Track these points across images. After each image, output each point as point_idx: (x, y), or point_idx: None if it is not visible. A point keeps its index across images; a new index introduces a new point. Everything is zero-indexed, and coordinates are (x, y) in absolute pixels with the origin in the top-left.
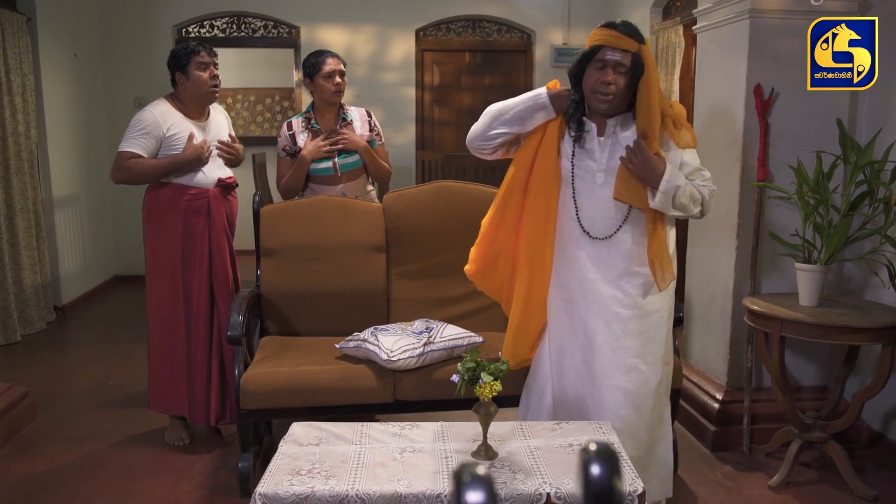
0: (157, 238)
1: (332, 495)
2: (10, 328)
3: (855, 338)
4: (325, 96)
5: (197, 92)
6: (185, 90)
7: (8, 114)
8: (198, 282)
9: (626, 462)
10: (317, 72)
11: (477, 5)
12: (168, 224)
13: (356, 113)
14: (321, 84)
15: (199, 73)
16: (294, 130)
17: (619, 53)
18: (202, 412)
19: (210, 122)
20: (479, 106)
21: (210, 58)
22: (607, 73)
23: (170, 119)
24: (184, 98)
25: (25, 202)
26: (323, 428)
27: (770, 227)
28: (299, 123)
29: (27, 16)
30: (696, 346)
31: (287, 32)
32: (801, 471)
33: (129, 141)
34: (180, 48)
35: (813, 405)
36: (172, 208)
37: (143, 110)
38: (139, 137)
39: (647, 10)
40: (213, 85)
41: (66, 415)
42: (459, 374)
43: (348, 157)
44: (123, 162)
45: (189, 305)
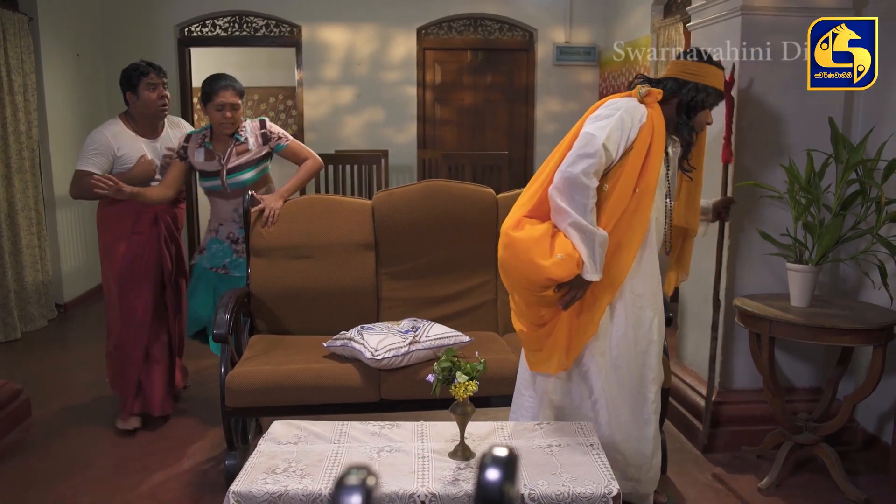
0: (111, 244)
1: (305, 494)
2: (10, 325)
3: (845, 339)
4: (214, 126)
5: (146, 111)
6: (135, 109)
7: (9, 113)
8: (145, 281)
9: (604, 465)
10: (208, 100)
11: (478, 4)
12: (119, 230)
13: (249, 128)
14: (211, 113)
15: (149, 93)
16: (190, 143)
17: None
18: (138, 401)
19: (161, 138)
20: (481, 105)
21: (159, 78)
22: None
23: (120, 138)
24: (135, 116)
25: (27, 200)
26: (303, 427)
27: (762, 227)
28: (197, 138)
29: (29, 16)
30: (689, 347)
31: (289, 31)
32: (792, 473)
33: (83, 160)
34: (130, 69)
35: (806, 407)
36: (123, 217)
37: (96, 131)
38: (93, 157)
39: (648, 7)
40: (162, 104)
41: (61, 412)
42: (435, 374)
43: (240, 176)
44: (79, 180)
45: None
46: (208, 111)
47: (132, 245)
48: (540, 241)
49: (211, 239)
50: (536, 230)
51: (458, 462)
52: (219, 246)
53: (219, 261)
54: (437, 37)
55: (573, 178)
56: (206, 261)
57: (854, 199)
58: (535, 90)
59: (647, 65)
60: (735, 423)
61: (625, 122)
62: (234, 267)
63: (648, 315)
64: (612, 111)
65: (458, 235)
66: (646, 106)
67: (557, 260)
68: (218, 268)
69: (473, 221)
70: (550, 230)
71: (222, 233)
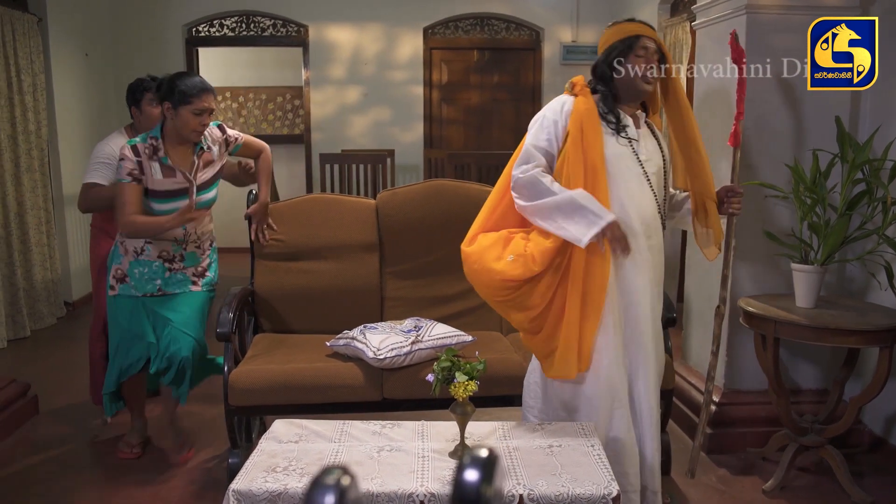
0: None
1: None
2: (19, 323)
3: (850, 340)
4: (185, 132)
5: (149, 125)
6: (139, 123)
7: (18, 112)
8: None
9: (604, 465)
10: (185, 103)
11: (485, 3)
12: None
13: (209, 136)
14: (186, 117)
15: (151, 108)
16: (141, 157)
17: (651, 42)
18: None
19: None
20: (487, 104)
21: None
22: (651, 59)
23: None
24: (139, 130)
25: (36, 199)
26: (304, 425)
27: (767, 227)
28: (144, 150)
29: (38, 16)
30: (693, 347)
31: (296, 31)
32: (798, 475)
33: (91, 173)
34: (135, 84)
35: (813, 408)
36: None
37: (103, 143)
38: (101, 169)
39: (655, 6)
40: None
41: (67, 409)
42: (434, 374)
43: (207, 194)
44: (87, 192)
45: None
46: (179, 115)
47: None
48: (491, 248)
49: (131, 263)
50: (488, 239)
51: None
52: (144, 269)
53: (150, 285)
54: (444, 36)
55: (519, 179)
56: (133, 289)
57: (860, 199)
58: (541, 89)
59: None
60: (740, 425)
61: (546, 118)
62: (172, 284)
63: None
64: (538, 115)
65: (461, 235)
66: (576, 95)
67: (509, 261)
68: (151, 293)
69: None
70: (503, 237)
71: (150, 253)
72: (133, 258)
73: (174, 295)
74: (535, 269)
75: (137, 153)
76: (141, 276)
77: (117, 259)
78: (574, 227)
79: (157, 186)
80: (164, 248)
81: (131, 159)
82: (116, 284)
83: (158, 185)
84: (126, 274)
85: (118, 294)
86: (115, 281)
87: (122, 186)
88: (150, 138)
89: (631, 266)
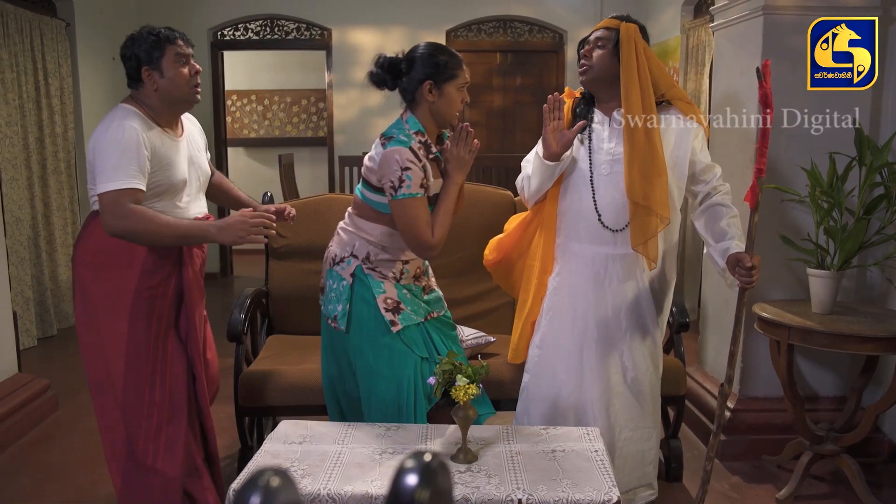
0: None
1: (305, 494)
2: (46, 322)
3: (866, 347)
4: (450, 115)
5: (173, 95)
6: (155, 92)
7: (45, 115)
8: (165, 337)
9: (606, 471)
10: (452, 77)
11: (507, 5)
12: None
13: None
14: (452, 95)
15: (178, 68)
16: (423, 161)
17: (599, 31)
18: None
19: (184, 137)
20: (510, 107)
21: (188, 48)
22: (586, 48)
23: (150, 136)
24: (152, 103)
25: (62, 200)
26: (310, 427)
27: (784, 231)
28: (419, 149)
29: (66, 21)
30: (709, 352)
31: (319, 34)
32: (813, 484)
33: (113, 172)
34: (145, 34)
35: (831, 416)
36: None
37: (118, 127)
38: (131, 163)
39: (678, 8)
40: (195, 85)
41: (86, 407)
42: (436, 377)
43: None
44: (126, 206)
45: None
46: (445, 93)
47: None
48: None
49: (397, 286)
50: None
51: (458, 465)
52: (407, 292)
53: (423, 307)
54: (466, 39)
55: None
56: (414, 314)
57: (878, 202)
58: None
59: (677, 66)
60: (756, 432)
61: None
62: (433, 304)
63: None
64: None
65: (475, 237)
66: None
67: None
68: (428, 314)
69: (491, 223)
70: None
71: (409, 273)
72: (395, 282)
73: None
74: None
75: (418, 157)
76: (412, 298)
77: (378, 288)
78: (533, 167)
79: (431, 193)
80: (418, 265)
81: (418, 165)
82: (395, 317)
83: (432, 189)
84: (398, 300)
85: (403, 328)
86: (392, 314)
87: (417, 203)
88: (415, 133)
89: (570, 270)
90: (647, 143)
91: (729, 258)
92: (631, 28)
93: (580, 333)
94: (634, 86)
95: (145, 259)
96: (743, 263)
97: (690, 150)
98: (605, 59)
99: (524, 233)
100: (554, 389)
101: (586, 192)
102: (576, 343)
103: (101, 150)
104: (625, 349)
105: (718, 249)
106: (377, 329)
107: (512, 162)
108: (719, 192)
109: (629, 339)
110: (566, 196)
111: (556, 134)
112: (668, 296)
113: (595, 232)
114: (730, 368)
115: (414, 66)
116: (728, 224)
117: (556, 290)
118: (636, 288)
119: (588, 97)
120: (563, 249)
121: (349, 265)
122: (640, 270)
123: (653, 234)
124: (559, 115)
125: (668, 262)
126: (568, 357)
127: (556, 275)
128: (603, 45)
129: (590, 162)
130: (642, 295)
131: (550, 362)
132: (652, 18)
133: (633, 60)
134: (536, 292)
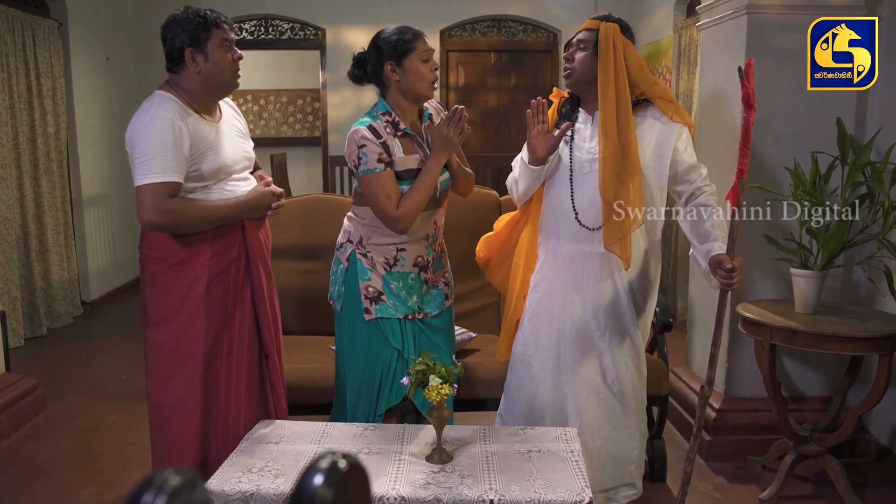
0: (176, 278)
1: (276, 494)
2: (36, 322)
3: (847, 347)
4: (422, 87)
5: (216, 80)
6: (198, 76)
7: (38, 116)
8: (236, 328)
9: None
10: (409, 51)
11: (502, 5)
12: (189, 259)
13: (429, 105)
14: (416, 67)
15: (222, 53)
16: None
17: (581, 33)
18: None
19: (223, 122)
20: (505, 106)
21: (231, 33)
22: (570, 50)
23: (189, 124)
24: (192, 89)
25: (54, 200)
26: (287, 426)
27: (769, 231)
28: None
29: (59, 21)
30: (696, 352)
31: (313, 34)
32: (797, 484)
33: (155, 163)
34: (191, 14)
35: (816, 416)
36: (195, 242)
37: (152, 116)
38: (169, 154)
39: (671, 7)
40: (236, 71)
41: (74, 406)
42: (409, 377)
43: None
44: (161, 201)
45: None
46: (408, 69)
47: (213, 275)
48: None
49: (384, 277)
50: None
51: (432, 466)
52: (399, 283)
53: (410, 303)
54: (461, 38)
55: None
56: (394, 308)
57: (861, 202)
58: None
59: (669, 66)
60: (741, 432)
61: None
62: (428, 303)
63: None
64: None
65: (460, 237)
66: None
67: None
68: (413, 314)
69: (476, 223)
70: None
71: (405, 261)
72: (384, 271)
73: (436, 320)
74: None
75: (378, 134)
76: (400, 291)
77: (364, 275)
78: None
79: (400, 168)
80: (419, 252)
81: (374, 142)
82: (371, 306)
83: (401, 165)
84: (380, 291)
85: (375, 318)
86: (369, 302)
87: (376, 178)
88: (382, 114)
89: (550, 268)
90: (622, 142)
91: (711, 260)
92: (610, 28)
93: (557, 332)
94: (610, 85)
95: (213, 244)
96: (723, 265)
97: (672, 149)
98: (587, 60)
99: (512, 231)
100: (532, 388)
101: (565, 190)
102: (553, 341)
103: (138, 141)
104: (604, 349)
105: (702, 251)
106: (357, 313)
107: (506, 161)
108: (704, 192)
109: (608, 339)
110: (548, 194)
111: (541, 138)
112: (650, 296)
113: (573, 230)
114: (710, 370)
115: (373, 53)
116: (712, 225)
117: (536, 287)
118: (614, 288)
119: (574, 98)
120: (544, 247)
121: (346, 250)
122: (619, 270)
123: (625, 234)
124: (543, 119)
125: (650, 262)
126: (546, 355)
127: (538, 272)
128: (584, 47)
129: (570, 160)
130: (621, 295)
131: (530, 360)
132: (645, 18)
133: (611, 60)
134: (520, 290)
